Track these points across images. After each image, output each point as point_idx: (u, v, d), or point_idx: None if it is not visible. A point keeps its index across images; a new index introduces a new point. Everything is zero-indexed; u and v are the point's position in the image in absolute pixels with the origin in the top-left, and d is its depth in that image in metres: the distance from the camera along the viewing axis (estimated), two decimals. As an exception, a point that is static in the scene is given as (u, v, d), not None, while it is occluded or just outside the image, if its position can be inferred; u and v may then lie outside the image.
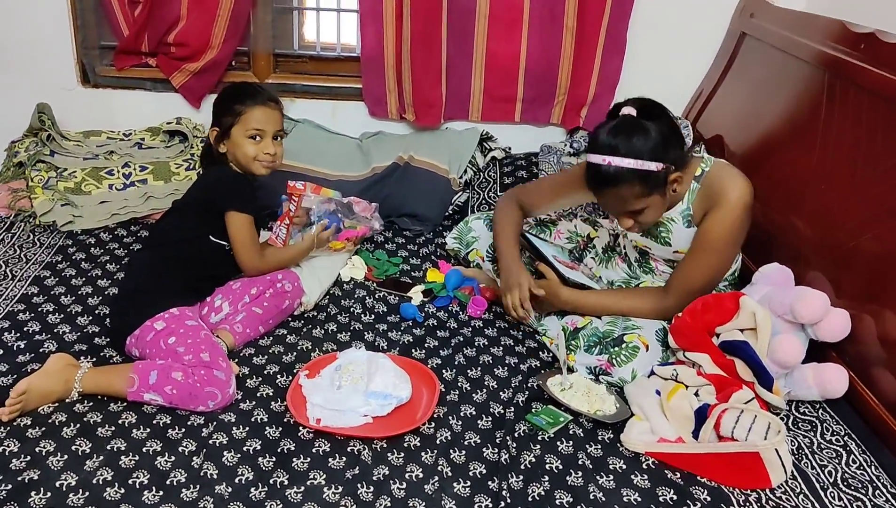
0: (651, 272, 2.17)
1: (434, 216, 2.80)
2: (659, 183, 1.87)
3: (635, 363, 1.90)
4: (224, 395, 1.76)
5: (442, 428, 1.74)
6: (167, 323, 1.87)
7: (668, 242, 2.06)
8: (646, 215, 1.92)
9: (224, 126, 2.13)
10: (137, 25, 2.82)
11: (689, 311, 1.89)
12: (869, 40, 2.06)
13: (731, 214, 1.91)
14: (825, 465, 1.66)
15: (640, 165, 1.82)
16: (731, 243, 1.96)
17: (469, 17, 2.83)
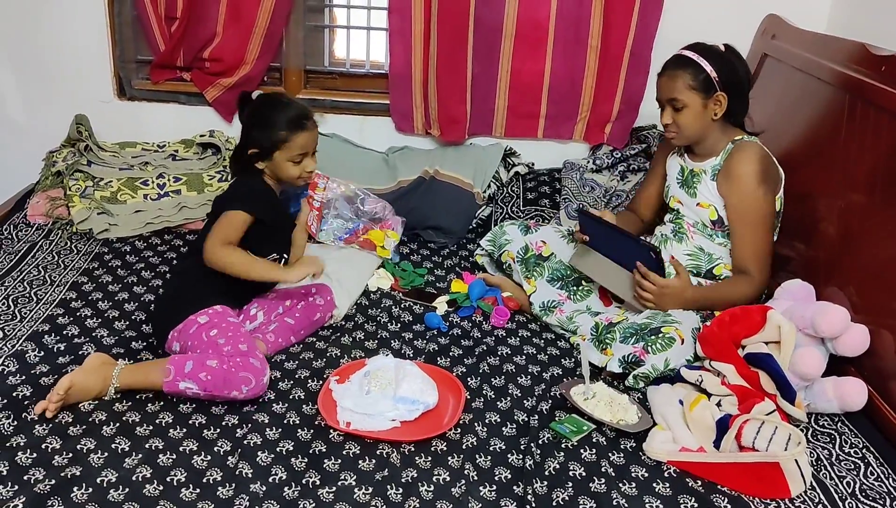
0: (685, 238, 2.31)
1: (458, 229, 2.85)
2: (705, 87, 2.14)
3: (670, 352, 1.96)
4: (258, 382, 1.81)
5: (468, 434, 1.78)
6: (210, 317, 1.94)
7: (696, 192, 2.27)
8: (684, 115, 2.17)
9: (266, 148, 2.11)
10: (174, 41, 2.91)
11: (717, 321, 1.94)
12: (890, 62, 2.10)
13: (746, 185, 2.14)
14: (844, 476, 1.69)
15: (699, 59, 2.13)
16: (760, 214, 2.16)
17: (496, 36, 2.90)
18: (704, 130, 2.21)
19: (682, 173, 2.33)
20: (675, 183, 2.36)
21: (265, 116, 2.13)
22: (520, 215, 2.87)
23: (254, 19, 2.86)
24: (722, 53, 2.17)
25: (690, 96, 2.15)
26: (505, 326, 2.28)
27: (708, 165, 2.24)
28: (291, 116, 2.11)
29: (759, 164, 2.15)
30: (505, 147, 3.06)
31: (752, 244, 2.17)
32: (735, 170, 2.16)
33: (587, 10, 2.86)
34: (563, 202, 2.83)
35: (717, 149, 2.23)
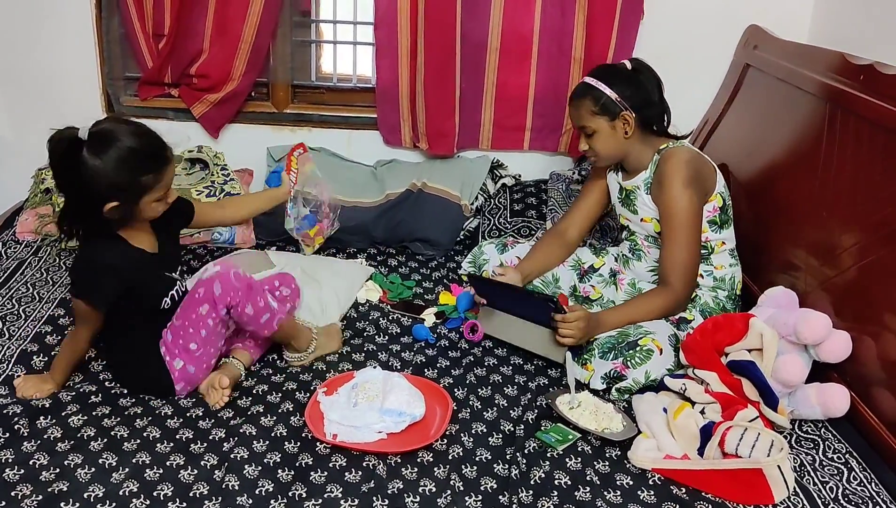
0: (643, 255, 2.34)
1: (446, 242, 2.87)
2: (609, 110, 2.17)
3: (649, 365, 1.98)
4: None
5: (454, 445, 1.79)
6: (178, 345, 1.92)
7: (636, 209, 2.30)
8: (596, 140, 2.21)
9: (130, 198, 1.77)
10: (161, 58, 2.92)
11: (699, 330, 1.96)
12: (868, 72, 2.13)
13: (671, 191, 2.14)
14: (826, 482, 1.71)
15: (599, 85, 2.17)
16: (687, 218, 2.14)
17: (481, 50, 2.93)
18: (620, 149, 2.24)
19: (621, 193, 2.35)
20: (617, 202, 2.39)
21: (115, 161, 1.70)
22: (507, 226, 2.88)
23: (239, 35, 2.88)
24: (624, 72, 2.20)
25: (596, 122, 2.19)
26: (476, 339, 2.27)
27: (640, 179, 2.27)
28: (149, 153, 1.77)
29: (685, 168, 2.15)
30: (492, 159, 3.08)
31: (676, 252, 2.15)
32: (662, 176, 2.18)
33: (570, 23, 2.89)
34: (550, 213, 2.85)
35: (644, 162, 2.25)
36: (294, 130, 3.13)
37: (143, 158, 1.75)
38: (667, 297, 2.15)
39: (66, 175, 1.75)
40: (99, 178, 1.70)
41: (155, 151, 1.78)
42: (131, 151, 1.72)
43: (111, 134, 1.72)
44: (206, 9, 2.88)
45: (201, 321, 1.88)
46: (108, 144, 1.71)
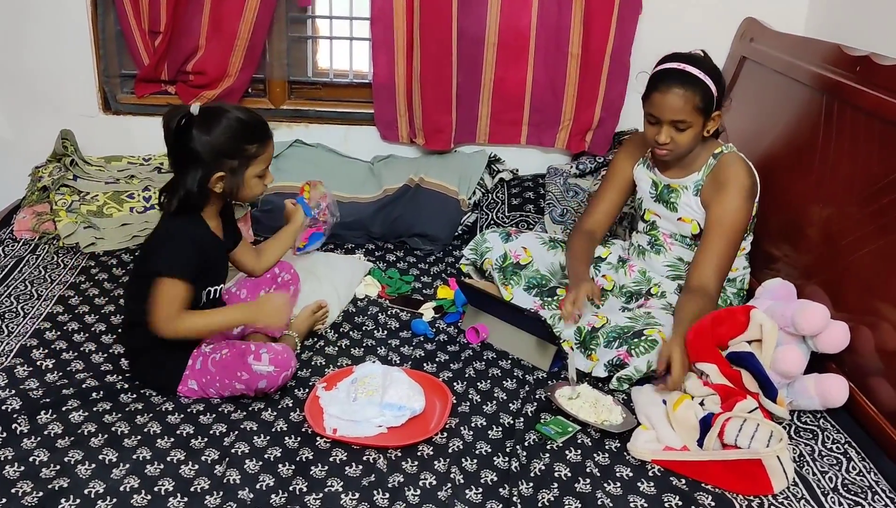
0: (663, 250, 2.30)
1: (444, 236, 2.87)
2: (709, 108, 2.06)
3: (652, 355, 1.98)
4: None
5: (454, 438, 1.80)
6: (202, 360, 1.92)
7: (676, 207, 2.24)
8: (685, 135, 2.08)
9: (235, 169, 1.87)
10: (157, 55, 2.92)
11: (695, 328, 1.93)
12: (864, 63, 2.13)
13: (733, 199, 2.10)
14: (826, 471, 1.71)
15: (707, 80, 2.04)
16: (738, 228, 2.12)
17: (478, 46, 2.92)
18: (695, 147, 2.17)
19: (656, 188, 2.29)
20: (648, 197, 2.33)
21: (224, 130, 1.83)
22: (505, 220, 2.89)
23: (235, 31, 2.88)
24: (714, 66, 2.12)
25: (696, 118, 2.06)
26: (477, 344, 2.25)
27: (689, 180, 2.21)
28: (255, 125, 1.89)
29: (749, 179, 2.13)
30: (489, 154, 3.08)
31: (720, 258, 2.10)
32: (725, 183, 2.11)
33: (567, 18, 2.89)
34: (548, 207, 2.86)
35: (698, 164, 2.20)
36: (291, 126, 3.12)
37: (249, 128, 1.87)
38: (706, 305, 2.04)
39: (178, 149, 1.85)
40: (209, 147, 1.82)
41: (259, 124, 1.91)
42: (238, 121, 1.86)
43: (219, 109, 1.87)
44: (202, 5, 2.87)
45: (230, 389, 1.90)
46: (216, 116, 1.84)
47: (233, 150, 1.85)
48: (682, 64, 2.07)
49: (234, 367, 1.88)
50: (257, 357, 1.87)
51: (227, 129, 1.84)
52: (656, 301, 2.26)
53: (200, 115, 1.83)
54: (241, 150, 1.86)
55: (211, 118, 1.84)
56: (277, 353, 1.90)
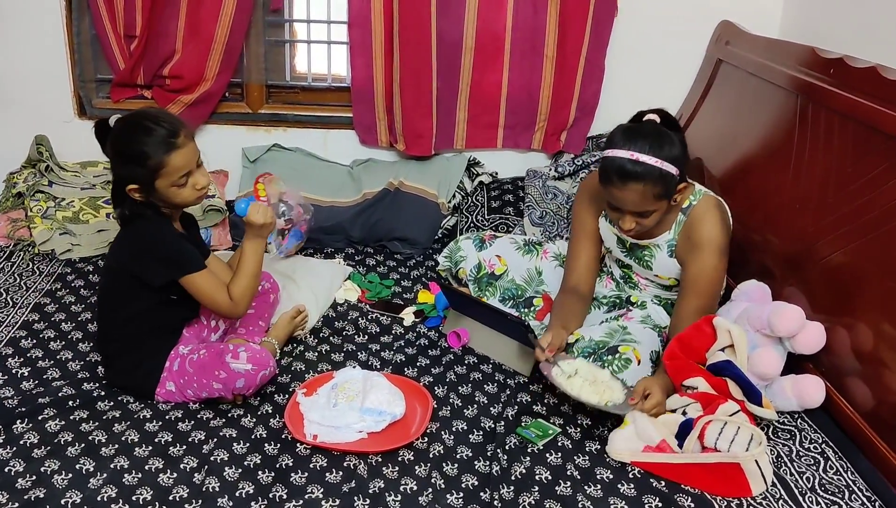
0: (636, 287, 2.26)
1: (424, 240, 2.87)
2: (671, 189, 1.94)
3: (626, 374, 1.96)
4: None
5: (435, 443, 1.79)
6: (179, 358, 1.92)
7: (650, 266, 2.16)
8: (650, 218, 1.98)
9: (144, 182, 1.83)
10: (133, 59, 2.89)
11: (668, 356, 1.89)
12: (838, 65, 2.16)
13: (708, 259, 2.00)
14: (803, 472, 1.73)
15: (662, 165, 1.88)
16: (715, 285, 2.05)
17: (456, 50, 2.92)
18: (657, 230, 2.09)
19: (623, 245, 2.20)
20: (617, 250, 2.23)
21: (129, 145, 1.82)
22: (485, 223, 2.89)
23: (212, 35, 2.86)
24: (668, 136, 1.92)
25: (659, 204, 1.95)
26: (458, 348, 2.25)
27: (661, 240, 2.10)
28: (158, 138, 1.82)
29: (723, 234, 2.03)
30: (469, 157, 3.08)
31: (699, 314, 1.97)
32: (699, 243, 2.02)
33: (542, 20, 2.90)
34: (527, 210, 2.86)
35: (668, 223, 2.08)
36: (269, 130, 3.11)
37: (149, 142, 1.82)
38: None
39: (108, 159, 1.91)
40: (116, 159, 1.86)
41: (162, 137, 1.83)
42: (140, 136, 1.82)
43: (130, 121, 1.86)
44: (178, 9, 2.85)
45: (208, 390, 1.89)
46: (124, 129, 1.85)
47: (135, 163, 1.82)
48: (632, 152, 1.88)
49: (211, 366, 1.87)
50: (235, 356, 1.87)
51: (129, 141, 1.83)
52: (637, 312, 2.19)
53: (115, 126, 1.86)
54: (142, 163, 1.81)
55: (120, 130, 1.85)
56: (255, 352, 1.90)
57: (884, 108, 1.92)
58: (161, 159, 1.82)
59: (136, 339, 1.94)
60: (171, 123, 1.86)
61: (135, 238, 1.91)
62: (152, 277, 1.87)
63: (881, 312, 1.83)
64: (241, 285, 1.95)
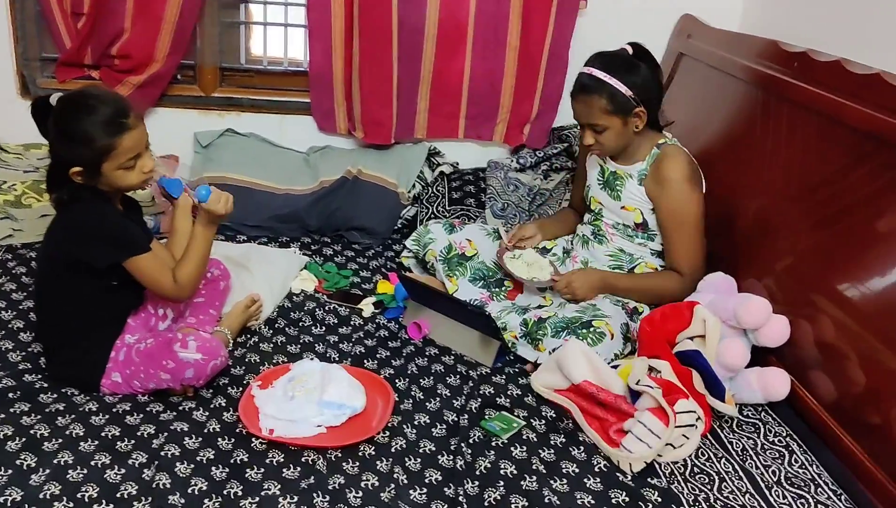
0: (605, 240, 2.31)
1: (383, 230, 2.81)
2: (624, 108, 2.08)
3: (600, 347, 1.97)
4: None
5: (397, 437, 1.74)
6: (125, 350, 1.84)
7: (620, 195, 2.25)
8: (606, 136, 2.13)
9: (90, 164, 1.75)
10: (80, 37, 2.77)
11: (648, 321, 1.94)
12: (801, 58, 2.16)
13: (679, 190, 2.14)
14: (769, 465, 1.72)
15: (613, 81, 2.05)
16: (693, 215, 2.16)
17: (418, 37, 2.86)
18: (627, 142, 2.19)
19: (604, 175, 2.30)
20: (595, 184, 2.34)
21: (74, 126, 1.73)
22: (445, 214, 2.84)
23: (162, 14, 2.74)
24: (633, 64, 2.11)
25: (610, 120, 2.10)
26: (419, 340, 2.20)
27: (634, 169, 2.22)
28: (107, 119, 1.73)
29: (689, 167, 2.16)
30: (429, 147, 3.03)
31: (685, 247, 2.16)
32: (666, 175, 2.14)
33: (505, 10, 2.85)
34: (489, 201, 2.82)
35: (642, 154, 2.21)
36: (222, 114, 3.01)
37: (98, 123, 1.73)
38: (678, 281, 2.17)
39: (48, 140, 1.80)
40: (59, 142, 1.76)
41: (111, 117, 1.74)
42: (87, 116, 1.73)
43: (73, 100, 1.76)
44: (128, -14, 2.74)
45: (155, 380, 1.82)
46: (68, 109, 1.75)
47: (81, 145, 1.73)
48: (590, 68, 2.10)
49: (159, 355, 1.79)
50: (184, 345, 1.80)
51: (76, 122, 1.73)
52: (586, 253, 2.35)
53: (57, 106, 1.75)
54: (90, 145, 1.73)
55: (63, 110, 1.75)
56: (205, 341, 1.83)
57: (848, 101, 1.93)
58: (111, 141, 1.74)
59: (78, 329, 1.85)
60: (119, 103, 1.78)
61: (75, 221, 1.82)
62: (96, 259, 1.78)
63: (843, 305, 1.83)
64: (187, 268, 1.87)
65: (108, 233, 1.80)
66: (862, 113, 1.87)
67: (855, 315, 1.80)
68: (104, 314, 1.87)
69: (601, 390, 1.79)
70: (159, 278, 1.83)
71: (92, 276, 1.80)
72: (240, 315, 2.12)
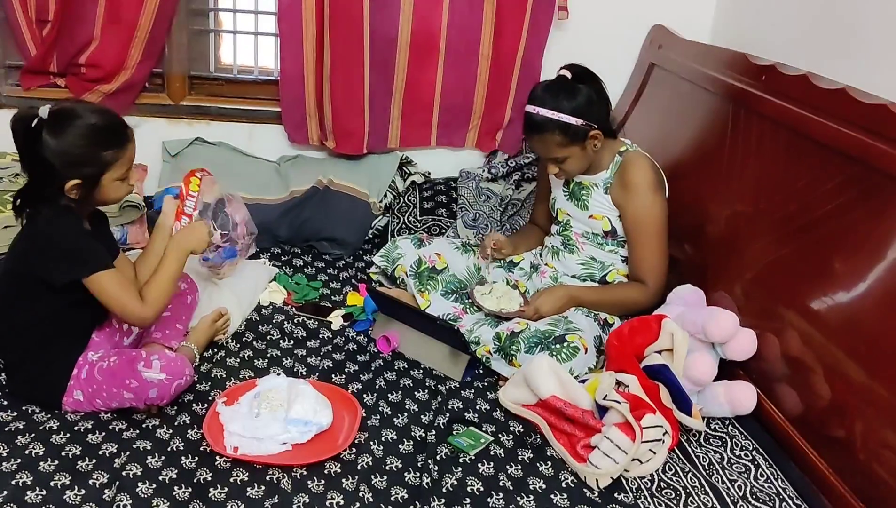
0: (576, 249, 2.32)
1: (354, 241, 2.79)
2: (578, 136, 2.11)
3: (574, 362, 1.96)
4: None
5: (363, 454, 1.72)
6: (88, 365, 1.81)
7: (587, 205, 2.27)
8: (568, 164, 2.16)
9: (90, 176, 1.75)
10: (46, 45, 2.73)
11: (616, 334, 1.95)
12: (770, 72, 2.17)
13: (643, 197, 2.16)
14: (735, 479, 1.72)
15: (562, 117, 2.08)
16: (657, 222, 2.18)
17: (390, 47, 2.84)
18: (590, 160, 2.20)
19: (569, 186, 2.31)
20: (561, 196, 2.35)
21: (77, 139, 1.71)
22: (417, 225, 2.82)
23: (135, 22, 2.71)
24: (574, 89, 2.11)
25: (568, 150, 2.13)
26: (388, 353, 2.18)
27: (599, 178, 2.24)
28: (110, 130, 1.77)
29: (652, 172, 2.18)
30: (401, 156, 3.02)
31: (649, 254, 2.18)
32: (630, 181, 2.17)
33: (478, 19, 2.85)
34: (460, 211, 2.81)
35: (605, 162, 2.22)
36: (191, 123, 2.98)
37: (104, 133, 1.76)
38: (643, 292, 2.19)
39: (29, 156, 1.75)
40: (60, 155, 1.71)
41: (116, 127, 1.79)
42: (92, 127, 1.74)
43: (71, 112, 1.74)
44: (97, -6, 2.71)
45: (118, 399, 1.78)
46: (67, 121, 1.72)
47: (87, 157, 1.73)
48: (535, 107, 2.10)
49: (122, 374, 1.76)
50: (147, 364, 1.76)
51: (81, 136, 1.72)
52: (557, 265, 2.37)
53: (51, 119, 1.71)
54: (96, 156, 1.74)
55: (62, 123, 1.71)
56: (170, 360, 1.80)
57: (815, 115, 1.94)
58: (116, 152, 1.76)
59: (40, 345, 1.81)
60: (116, 115, 1.83)
61: (36, 235, 1.78)
62: (54, 275, 1.74)
63: (809, 318, 1.84)
64: (157, 288, 1.84)
65: (67, 248, 1.76)
66: (828, 128, 1.88)
67: (821, 329, 1.81)
68: (67, 331, 1.84)
69: (569, 405, 1.79)
70: (122, 299, 1.77)
71: (54, 292, 1.77)
72: (207, 330, 2.09)
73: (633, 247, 2.22)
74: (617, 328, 2.00)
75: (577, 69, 2.16)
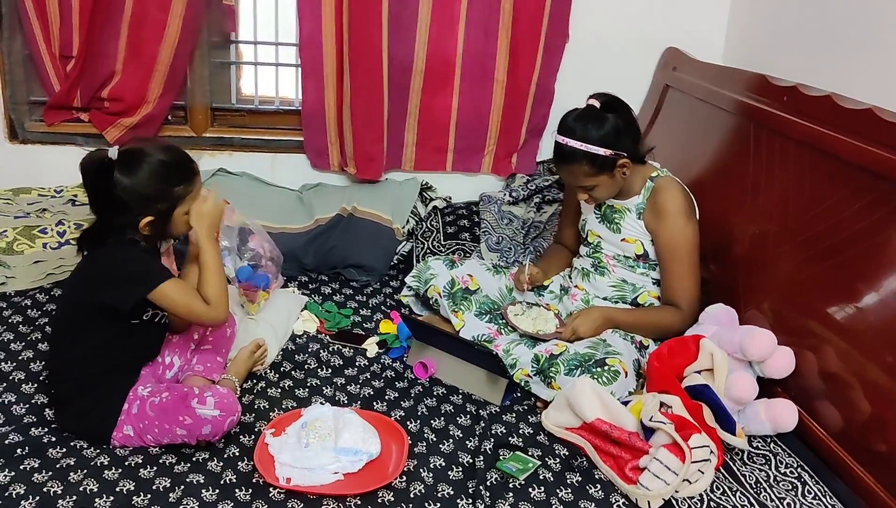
0: (607, 271, 2.34)
1: (380, 267, 2.81)
2: (607, 166, 2.14)
3: (615, 386, 1.97)
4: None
5: (414, 482, 1.74)
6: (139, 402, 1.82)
7: (619, 228, 2.30)
8: (597, 191, 2.20)
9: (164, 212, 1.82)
10: (69, 80, 2.76)
11: (656, 356, 1.97)
12: (792, 93, 2.21)
13: (676, 223, 2.20)
14: (783, 497, 1.73)
15: (591, 148, 2.10)
16: (689, 246, 2.22)
17: (406, 73, 2.89)
18: (620, 187, 2.24)
19: (601, 208, 2.35)
20: (593, 218, 2.38)
21: (147, 175, 1.77)
22: (441, 249, 2.85)
23: (156, 56, 2.74)
24: (602, 118, 2.13)
25: (597, 179, 2.16)
26: (426, 379, 2.20)
27: (631, 203, 2.27)
28: (179, 164, 1.84)
29: (684, 198, 2.22)
30: (421, 181, 3.05)
31: (683, 278, 2.21)
32: (663, 207, 2.20)
33: (493, 46, 2.89)
34: (484, 235, 2.84)
35: (636, 188, 2.26)
36: (214, 154, 3.00)
37: (174, 169, 1.82)
38: (677, 316, 2.21)
39: (100, 197, 1.80)
40: (133, 194, 1.76)
41: (184, 162, 1.86)
42: (162, 164, 1.80)
43: (139, 151, 1.80)
44: (119, 29, 2.72)
45: (170, 436, 1.79)
46: (138, 160, 1.78)
47: (159, 193, 1.80)
48: (565, 138, 2.13)
49: (175, 411, 1.77)
50: (201, 401, 1.77)
51: (152, 173, 1.79)
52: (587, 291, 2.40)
53: (120, 159, 1.77)
54: (168, 193, 1.82)
55: (132, 163, 1.77)
56: (223, 397, 1.81)
57: (841, 135, 1.97)
58: (187, 187, 1.84)
59: (91, 378, 1.82)
60: (180, 150, 1.89)
61: (99, 264, 1.83)
62: (122, 299, 1.77)
63: (843, 335, 1.87)
64: (212, 285, 1.87)
65: (133, 270, 1.80)
66: (855, 147, 1.91)
67: (856, 344, 1.83)
68: (118, 364, 1.85)
69: (615, 427, 1.81)
70: (190, 303, 1.82)
71: (112, 320, 1.79)
72: (245, 361, 2.10)
73: (666, 272, 2.24)
74: (656, 350, 2.03)
75: (605, 98, 2.18)
